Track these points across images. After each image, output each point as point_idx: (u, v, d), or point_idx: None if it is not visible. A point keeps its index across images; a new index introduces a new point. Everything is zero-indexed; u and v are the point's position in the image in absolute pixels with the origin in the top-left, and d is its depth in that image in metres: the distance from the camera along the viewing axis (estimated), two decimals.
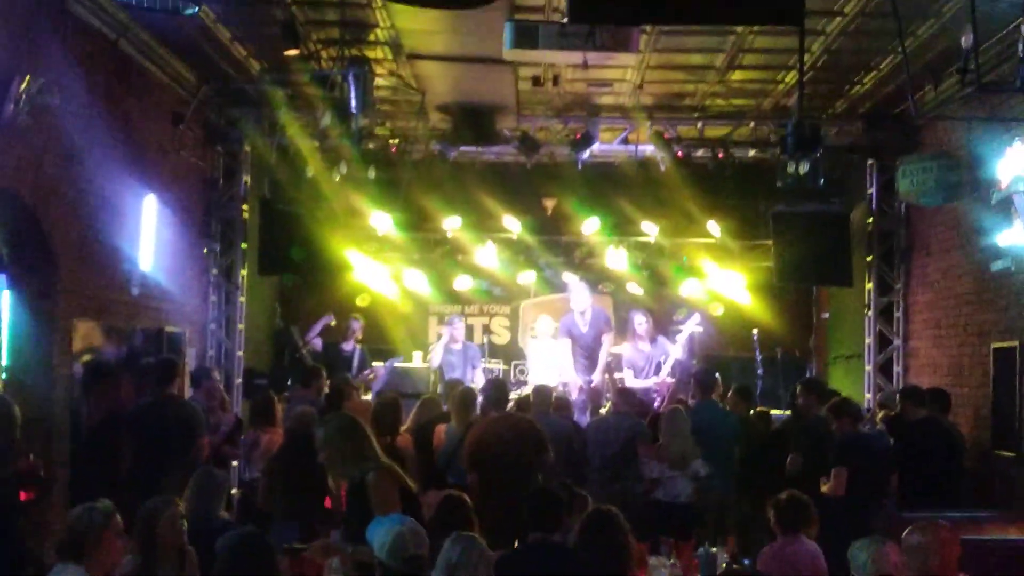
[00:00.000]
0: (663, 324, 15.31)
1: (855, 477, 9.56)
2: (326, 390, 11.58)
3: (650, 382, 13.76)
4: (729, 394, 11.54)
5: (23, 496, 7.27)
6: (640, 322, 14.18)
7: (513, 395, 13.26)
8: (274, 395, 11.32)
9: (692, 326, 14.19)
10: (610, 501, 7.53)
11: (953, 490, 10.28)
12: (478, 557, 5.27)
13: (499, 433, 9.16)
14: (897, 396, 11.31)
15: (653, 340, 14.26)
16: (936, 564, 5.94)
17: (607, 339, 14.05)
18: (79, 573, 5.63)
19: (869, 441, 10.15)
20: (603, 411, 12.60)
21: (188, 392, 12.20)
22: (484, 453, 9.07)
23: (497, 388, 9.94)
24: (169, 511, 6.39)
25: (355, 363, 14.79)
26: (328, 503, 8.45)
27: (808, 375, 16.68)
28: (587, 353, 14.03)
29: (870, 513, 9.45)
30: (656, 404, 13.00)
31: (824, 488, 9.45)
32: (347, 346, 15.10)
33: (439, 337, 17.19)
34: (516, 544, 6.57)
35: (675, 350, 13.85)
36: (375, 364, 15.19)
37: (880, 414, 11.91)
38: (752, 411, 11.74)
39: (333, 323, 15.20)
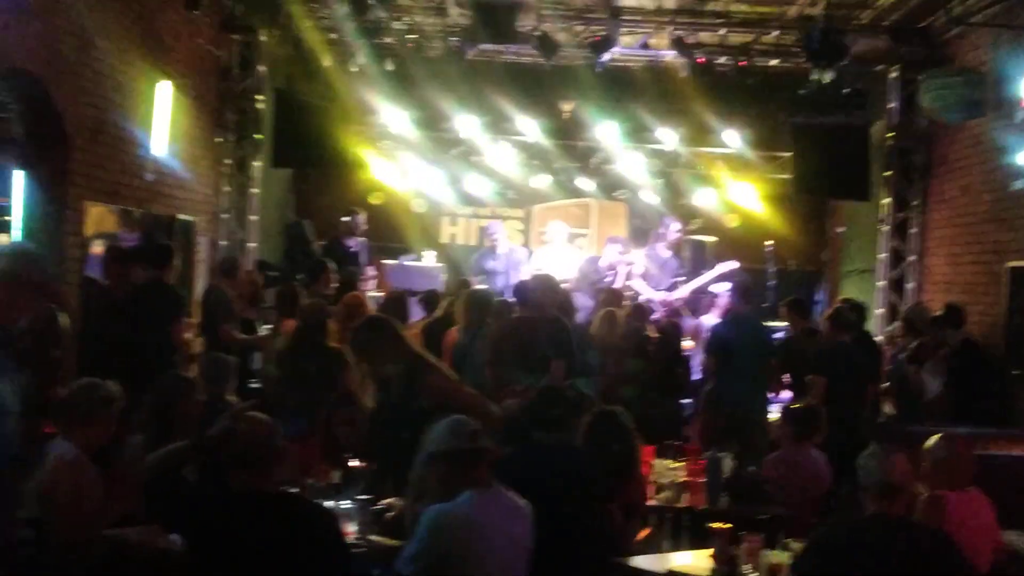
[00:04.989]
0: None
1: (834, 386, 9.61)
2: (334, 284, 11.57)
3: (659, 295, 13.69)
4: (782, 309, 11.35)
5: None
6: (676, 228, 14.15)
7: None
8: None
9: (725, 268, 13.99)
10: None
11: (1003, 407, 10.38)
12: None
13: (521, 332, 9.22)
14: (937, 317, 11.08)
15: (675, 253, 14.23)
16: (955, 476, 5.98)
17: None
18: (69, 448, 5.65)
19: (848, 350, 10.16)
20: None
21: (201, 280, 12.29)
22: (505, 350, 9.16)
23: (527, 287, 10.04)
24: (188, 392, 6.43)
25: (363, 259, 14.48)
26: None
27: (820, 289, 16.68)
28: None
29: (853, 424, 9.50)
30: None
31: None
32: (351, 242, 14.66)
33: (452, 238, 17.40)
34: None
35: (698, 280, 13.79)
36: (385, 262, 15.10)
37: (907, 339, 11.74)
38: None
39: (346, 218, 14.98)
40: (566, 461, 6.24)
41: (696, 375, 11.42)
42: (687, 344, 12.06)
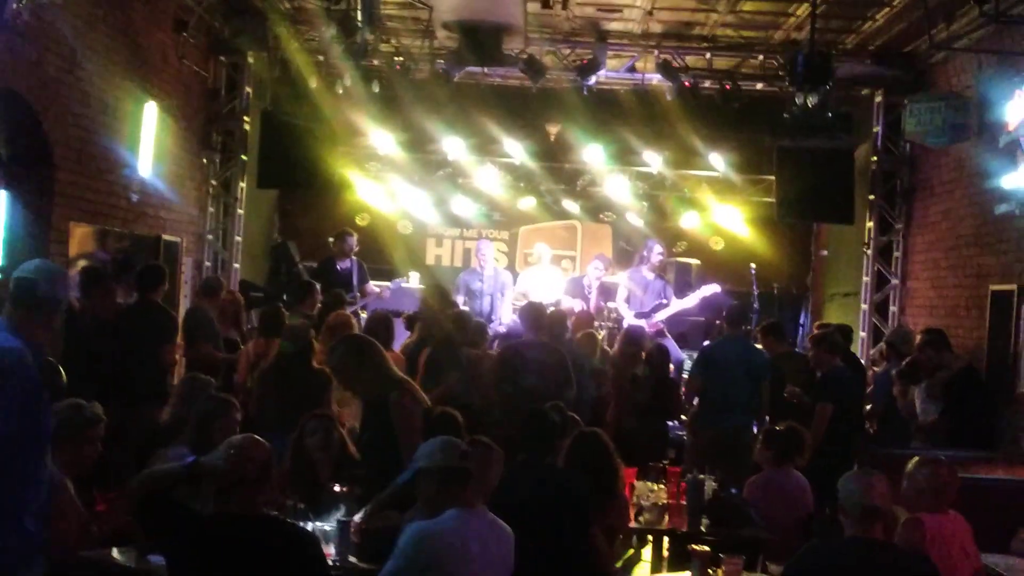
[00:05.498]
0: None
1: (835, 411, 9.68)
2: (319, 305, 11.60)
3: (640, 322, 13.70)
4: (758, 334, 11.42)
5: None
6: (659, 251, 14.17)
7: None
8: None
9: (707, 292, 14.04)
10: None
11: (992, 433, 10.44)
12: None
13: (529, 358, 9.28)
14: (924, 338, 11.09)
15: (660, 276, 14.25)
16: (935, 500, 5.98)
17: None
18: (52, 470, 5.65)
19: (846, 375, 10.23)
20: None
21: (185, 301, 12.29)
22: (510, 374, 9.19)
23: (536, 312, 10.06)
24: (227, 414, 6.59)
25: (354, 280, 14.09)
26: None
27: (804, 312, 16.72)
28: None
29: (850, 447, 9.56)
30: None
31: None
32: (343, 263, 14.18)
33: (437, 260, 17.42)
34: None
35: (682, 302, 13.83)
36: (377, 283, 14.92)
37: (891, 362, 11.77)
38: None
39: (332, 239, 14.88)
40: (548, 482, 6.24)
41: None
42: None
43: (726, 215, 16.50)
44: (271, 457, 4.84)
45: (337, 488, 6.36)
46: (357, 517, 6.05)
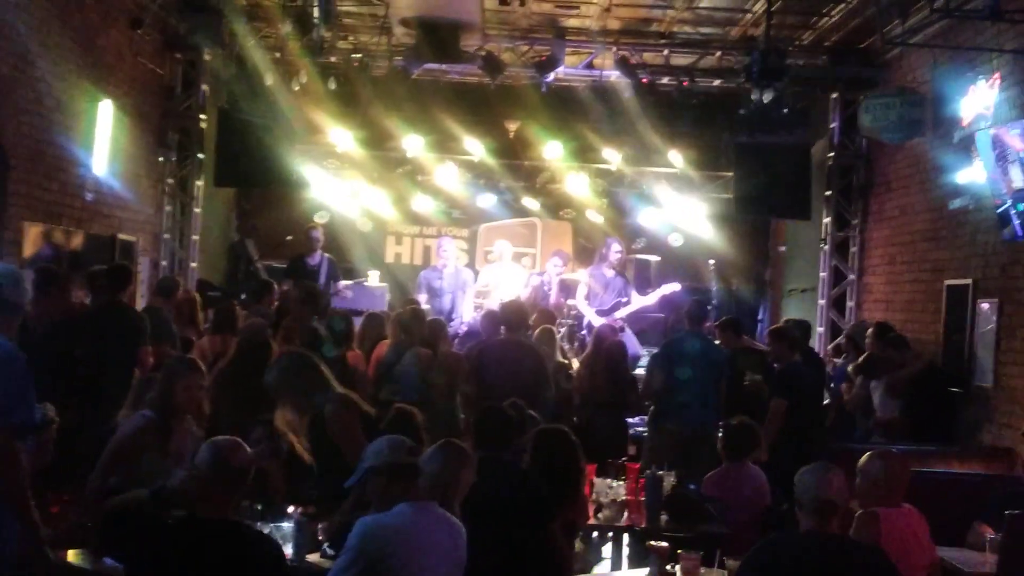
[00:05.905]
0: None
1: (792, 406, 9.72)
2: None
3: (598, 320, 13.71)
4: (715, 331, 11.44)
5: None
6: (617, 249, 14.15)
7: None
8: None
9: (667, 290, 14.06)
10: None
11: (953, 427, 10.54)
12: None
13: (504, 357, 9.26)
14: (883, 338, 11.13)
15: (620, 273, 14.26)
16: (889, 493, 6.01)
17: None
18: None
19: (805, 371, 10.28)
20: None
21: (141, 301, 12.19)
22: (485, 371, 9.22)
23: (516, 311, 10.02)
24: (190, 374, 6.54)
25: (322, 276, 13.98)
26: None
27: (762, 308, 16.79)
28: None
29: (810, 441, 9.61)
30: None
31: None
32: (312, 259, 14.10)
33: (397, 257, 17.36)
34: None
35: (642, 300, 13.84)
36: (345, 282, 14.81)
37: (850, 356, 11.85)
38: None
39: (290, 238, 14.79)
40: (504, 478, 6.23)
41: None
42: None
43: (685, 212, 16.52)
44: (251, 462, 4.84)
45: (291, 509, 6.27)
46: (320, 526, 6.03)
